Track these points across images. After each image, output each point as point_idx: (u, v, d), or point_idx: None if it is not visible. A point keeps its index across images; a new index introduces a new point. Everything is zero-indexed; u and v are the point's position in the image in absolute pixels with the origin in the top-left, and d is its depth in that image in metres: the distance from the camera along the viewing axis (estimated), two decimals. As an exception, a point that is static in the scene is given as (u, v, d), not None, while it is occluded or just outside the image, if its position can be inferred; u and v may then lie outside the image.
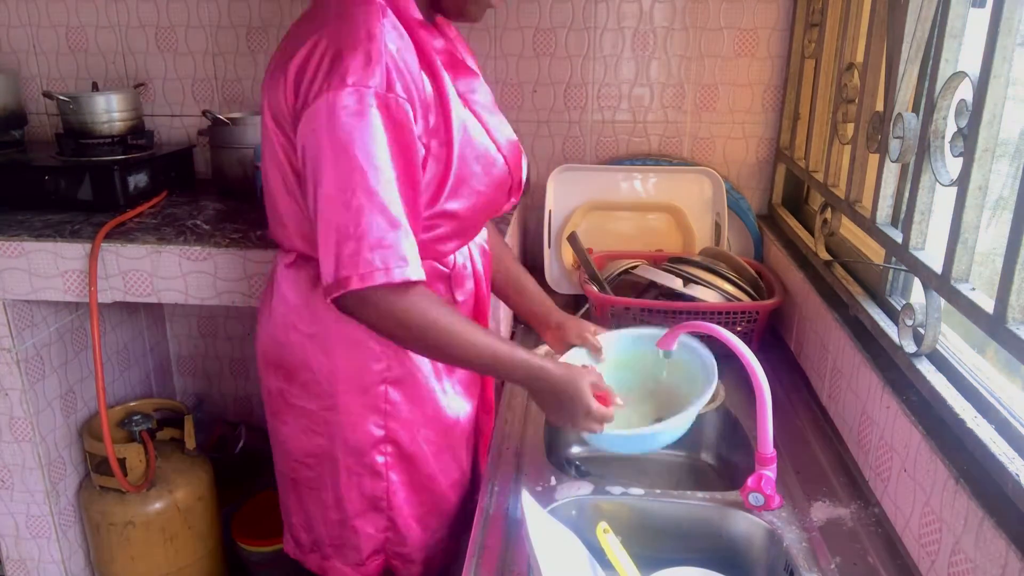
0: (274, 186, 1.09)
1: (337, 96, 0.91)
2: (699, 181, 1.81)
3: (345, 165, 0.92)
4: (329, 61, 0.93)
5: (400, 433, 1.16)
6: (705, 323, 1.10)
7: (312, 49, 0.96)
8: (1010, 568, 0.72)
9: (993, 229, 0.97)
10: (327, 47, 0.95)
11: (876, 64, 1.21)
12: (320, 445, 1.17)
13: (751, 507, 1.04)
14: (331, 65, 0.93)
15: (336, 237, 0.92)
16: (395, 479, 1.18)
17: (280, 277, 1.14)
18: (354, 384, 1.12)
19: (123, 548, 1.73)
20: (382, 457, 1.17)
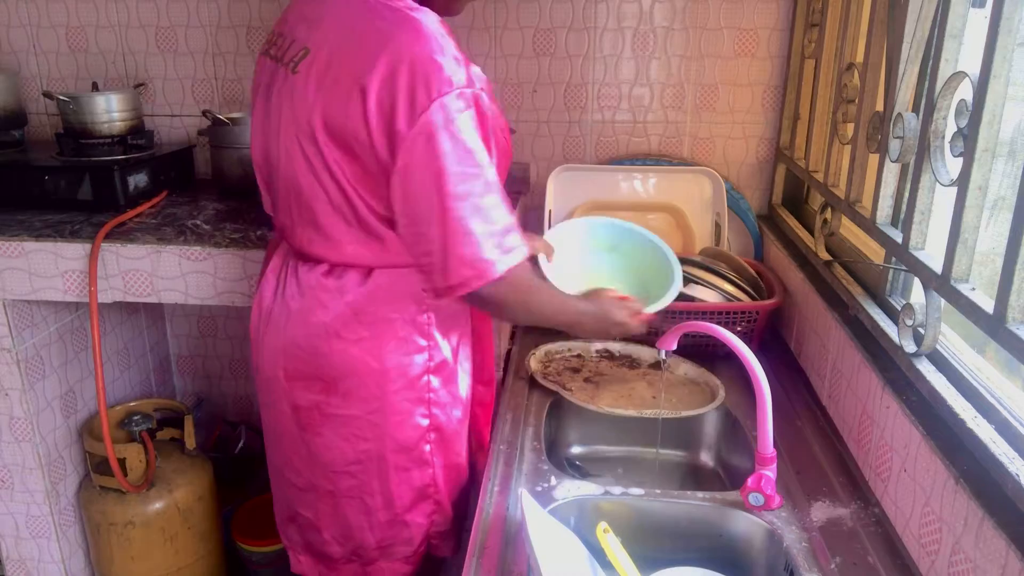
0: (316, 204, 1.07)
1: (448, 99, 0.95)
2: (699, 181, 1.81)
3: (469, 163, 0.98)
4: (426, 71, 0.95)
5: (441, 418, 1.19)
6: (705, 323, 1.10)
7: (392, 66, 0.95)
8: (1010, 568, 0.72)
9: (993, 229, 0.97)
10: (414, 59, 0.95)
11: (876, 64, 1.21)
12: (366, 451, 1.17)
13: (751, 507, 1.04)
14: (431, 73, 0.95)
15: (473, 233, 0.99)
16: (438, 463, 1.21)
17: (317, 288, 1.12)
18: (402, 381, 1.14)
19: (123, 548, 1.73)
20: (428, 446, 1.19)
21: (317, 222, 1.09)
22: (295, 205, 1.11)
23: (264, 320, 1.19)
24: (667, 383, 1.43)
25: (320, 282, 1.12)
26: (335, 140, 1.02)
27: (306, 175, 1.07)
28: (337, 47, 1.01)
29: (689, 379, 1.44)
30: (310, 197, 1.08)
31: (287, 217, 1.15)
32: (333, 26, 1.03)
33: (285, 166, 1.10)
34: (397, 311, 1.12)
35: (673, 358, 1.45)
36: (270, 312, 1.18)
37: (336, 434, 1.16)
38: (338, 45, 1.01)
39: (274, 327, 1.17)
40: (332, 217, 1.08)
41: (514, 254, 1.02)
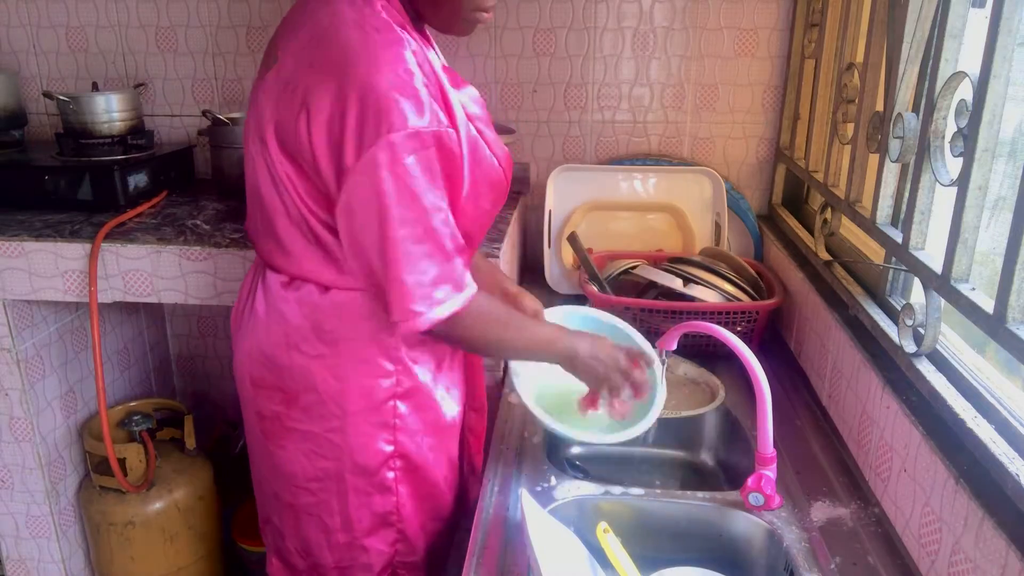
0: (274, 214, 1.05)
1: (396, 139, 0.90)
2: (699, 181, 1.81)
3: (409, 208, 0.94)
4: (377, 108, 0.90)
5: (408, 445, 1.15)
6: (705, 323, 1.10)
7: (344, 94, 0.91)
8: (1010, 568, 0.72)
9: (993, 229, 0.97)
10: (367, 93, 0.90)
11: (876, 64, 1.21)
12: (324, 468, 1.14)
13: (751, 507, 1.04)
14: (381, 112, 0.90)
15: (404, 281, 0.96)
16: (403, 492, 1.18)
17: (277, 298, 1.10)
18: (364, 403, 1.11)
19: (123, 548, 1.73)
20: (392, 472, 1.16)
21: (276, 234, 1.07)
22: (258, 214, 1.09)
23: (236, 323, 1.19)
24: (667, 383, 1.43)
25: (280, 292, 1.10)
26: (286, 154, 0.99)
27: (266, 185, 1.04)
28: (300, 60, 0.98)
29: (689, 379, 1.44)
30: (270, 208, 1.06)
31: (252, 224, 1.14)
32: (304, 37, 0.99)
33: (249, 174, 1.08)
34: (359, 332, 1.09)
35: (673, 358, 1.45)
36: (241, 315, 1.17)
37: (296, 448, 1.14)
38: (302, 58, 0.97)
39: (243, 331, 1.15)
40: (290, 231, 1.05)
41: (444, 306, 0.98)
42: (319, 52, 0.96)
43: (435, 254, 0.97)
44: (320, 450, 1.13)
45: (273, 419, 1.14)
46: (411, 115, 0.91)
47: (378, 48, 0.93)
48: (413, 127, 0.91)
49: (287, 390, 1.12)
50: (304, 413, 1.12)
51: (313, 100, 0.93)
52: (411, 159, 0.92)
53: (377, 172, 0.91)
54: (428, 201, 0.95)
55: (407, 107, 0.91)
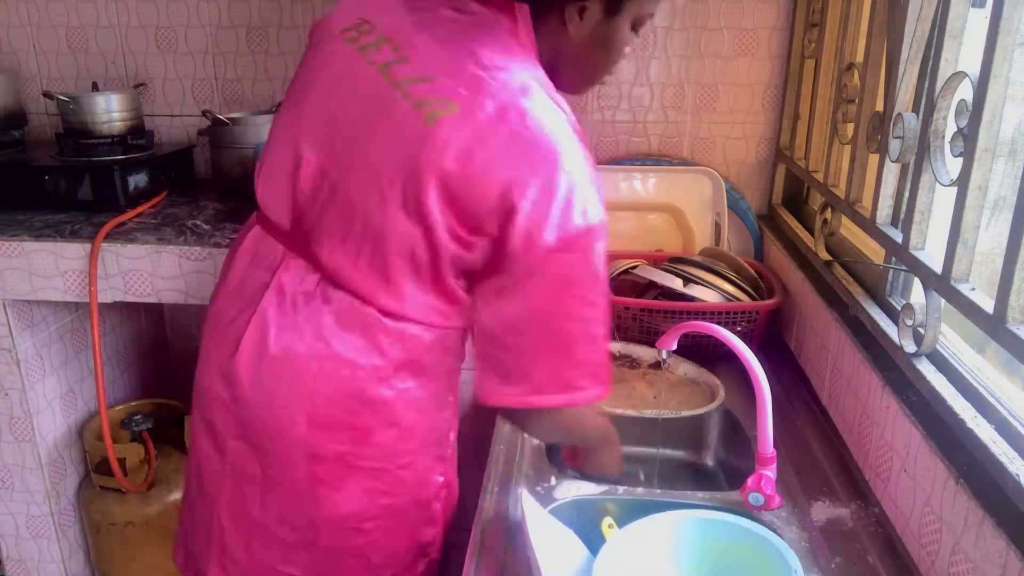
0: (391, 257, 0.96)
1: (598, 227, 0.94)
2: (699, 181, 1.81)
3: (597, 293, 0.96)
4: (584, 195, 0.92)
5: (451, 475, 1.17)
6: (705, 323, 1.10)
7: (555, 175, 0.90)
8: (1010, 568, 0.72)
9: (993, 229, 0.97)
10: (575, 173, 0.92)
11: (876, 64, 1.21)
12: (386, 506, 1.09)
13: (751, 507, 1.04)
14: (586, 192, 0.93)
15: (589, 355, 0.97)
16: (441, 520, 1.18)
17: (379, 332, 1.00)
18: (432, 436, 1.10)
19: (123, 548, 1.73)
20: (438, 504, 1.16)
21: (388, 275, 0.97)
22: (368, 248, 0.96)
23: (279, 355, 1.01)
24: (667, 383, 1.43)
25: (380, 323, 0.99)
26: (454, 211, 0.92)
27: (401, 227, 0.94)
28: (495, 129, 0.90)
29: (689, 379, 1.44)
30: (391, 249, 0.95)
31: (347, 256, 0.98)
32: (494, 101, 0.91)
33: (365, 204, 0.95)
34: (442, 363, 1.07)
35: (673, 358, 1.45)
36: (287, 347, 1.00)
37: (358, 487, 1.06)
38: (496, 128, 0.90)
39: (299, 366, 1.00)
40: (407, 275, 0.97)
41: (600, 388, 0.99)
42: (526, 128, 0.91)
43: (608, 338, 1.00)
44: (385, 487, 1.08)
45: (335, 460, 1.04)
46: (600, 205, 0.96)
47: (577, 136, 0.95)
48: (604, 217, 0.96)
49: (361, 427, 1.03)
50: (377, 450, 1.05)
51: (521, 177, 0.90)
52: (600, 246, 0.96)
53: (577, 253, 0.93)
54: (605, 288, 0.98)
55: (600, 197, 0.96)
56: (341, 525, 1.08)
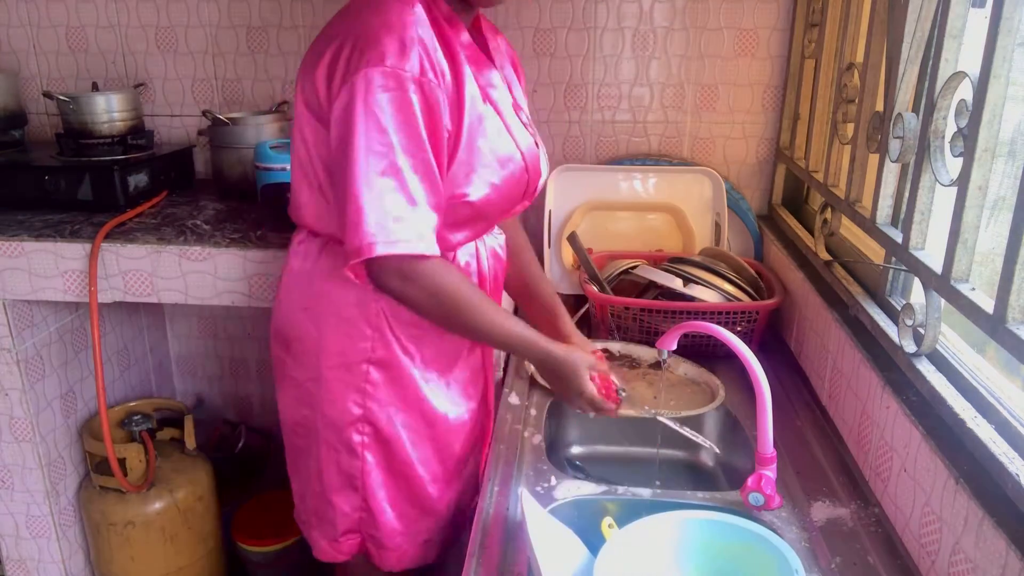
0: (296, 172, 1.15)
1: (374, 73, 0.97)
2: (699, 181, 1.81)
3: (377, 140, 0.97)
4: (364, 44, 0.98)
5: (378, 414, 1.18)
6: (705, 323, 1.10)
7: (346, 37, 1.01)
8: (1010, 568, 0.72)
9: (993, 229, 0.97)
10: (361, 33, 1.00)
11: (876, 64, 1.21)
12: (306, 416, 1.23)
13: (751, 507, 1.04)
14: (367, 46, 0.98)
15: (362, 208, 0.98)
16: (370, 459, 1.20)
17: (291, 252, 1.21)
18: (338, 360, 1.16)
19: (123, 548, 1.73)
20: (359, 436, 1.19)
21: (294, 188, 1.17)
22: (292, 174, 1.18)
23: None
24: (667, 383, 1.43)
25: (295, 248, 1.20)
26: (308, 107, 1.08)
27: (295, 146, 1.14)
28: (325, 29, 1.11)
29: (689, 379, 1.44)
30: (294, 166, 1.16)
31: None
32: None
33: None
34: (343, 290, 1.14)
35: (673, 358, 1.45)
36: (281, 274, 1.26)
37: (289, 393, 1.25)
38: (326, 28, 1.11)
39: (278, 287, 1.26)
40: (302, 183, 1.14)
41: (399, 245, 0.98)
42: (338, 21, 1.09)
43: (400, 191, 0.99)
44: (303, 397, 1.22)
45: (278, 364, 1.26)
46: (391, 55, 0.97)
47: (388, 3, 1.02)
48: (391, 66, 0.97)
49: (285, 336, 1.22)
50: (295, 360, 1.22)
51: (325, 47, 1.04)
52: (384, 95, 0.97)
53: (352, 101, 0.97)
54: (398, 139, 0.98)
55: (390, 47, 0.98)
56: (286, 425, 1.28)
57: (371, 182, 0.98)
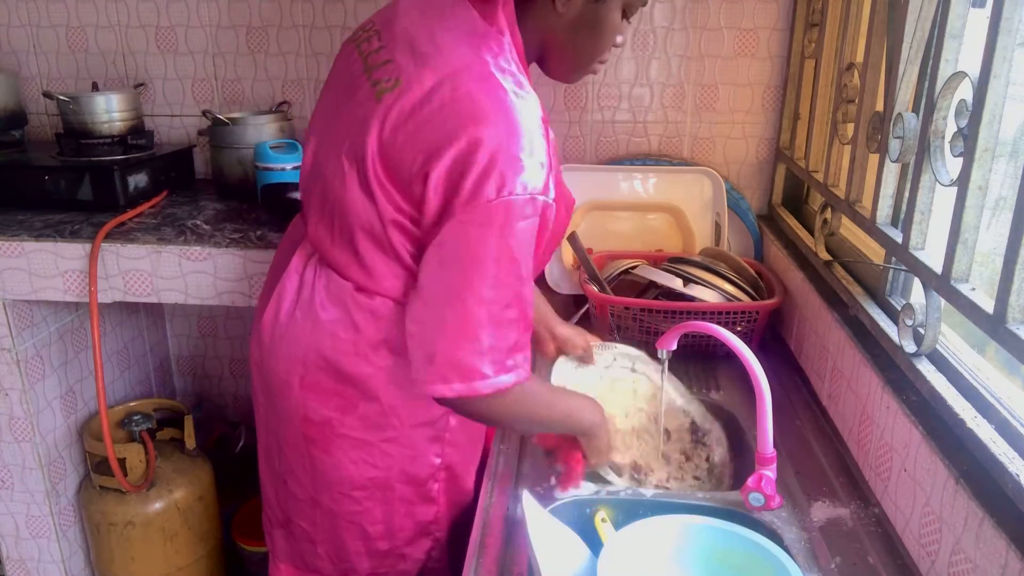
0: (356, 228, 1.01)
1: (517, 204, 0.89)
2: (699, 181, 1.81)
3: (507, 270, 0.91)
4: (506, 165, 0.89)
5: (453, 456, 1.18)
6: (705, 323, 1.10)
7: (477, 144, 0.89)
8: (1010, 568, 0.72)
9: (995, 229, 0.97)
10: (502, 146, 0.90)
11: (876, 64, 1.21)
12: (373, 478, 1.13)
13: (751, 507, 1.04)
14: (509, 169, 0.89)
15: (487, 340, 0.92)
16: (443, 501, 1.19)
17: (350, 307, 1.05)
18: (421, 417, 1.12)
19: (123, 548, 1.73)
20: (437, 484, 1.17)
21: (356, 248, 1.03)
22: (336, 224, 1.04)
23: (285, 320, 1.10)
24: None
25: (354, 298, 1.05)
26: (393, 180, 0.96)
27: (357, 201, 0.99)
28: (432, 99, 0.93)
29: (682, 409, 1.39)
30: (354, 223, 1.01)
31: (320, 232, 1.07)
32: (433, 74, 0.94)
33: (332, 179, 1.03)
34: None
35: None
36: (292, 313, 1.10)
37: (345, 456, 1.11)
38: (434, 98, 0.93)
39: (297, 331, 1.09)
40: (370, 247, 1.02)
41: (512, 374, 0.95)
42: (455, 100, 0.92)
43: (519, 321, 0.95)
44: (371, 459, 1.12)
45: (323, 424, 1.10)
46: (532, 181, 0.90)
47: (511, 110, 0.92)
48: (532, 193, 0.90)
49: (346, 397, 1.09)
50: (361, 422, 1.10)
51: (443, 143, 0.91)
52: (522, 224, 0.91)
53: (487, 229, 0.90)
54: (524, 269, 0.94)
55: (531, 173, 0.90)
56: (335, 489, 1.14)
57: (493, 315, 0.92)
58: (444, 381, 0.93)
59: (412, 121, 0.94)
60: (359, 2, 1.84)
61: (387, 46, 1.01)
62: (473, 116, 0.90)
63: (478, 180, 0.89)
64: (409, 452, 1.13)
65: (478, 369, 0.93)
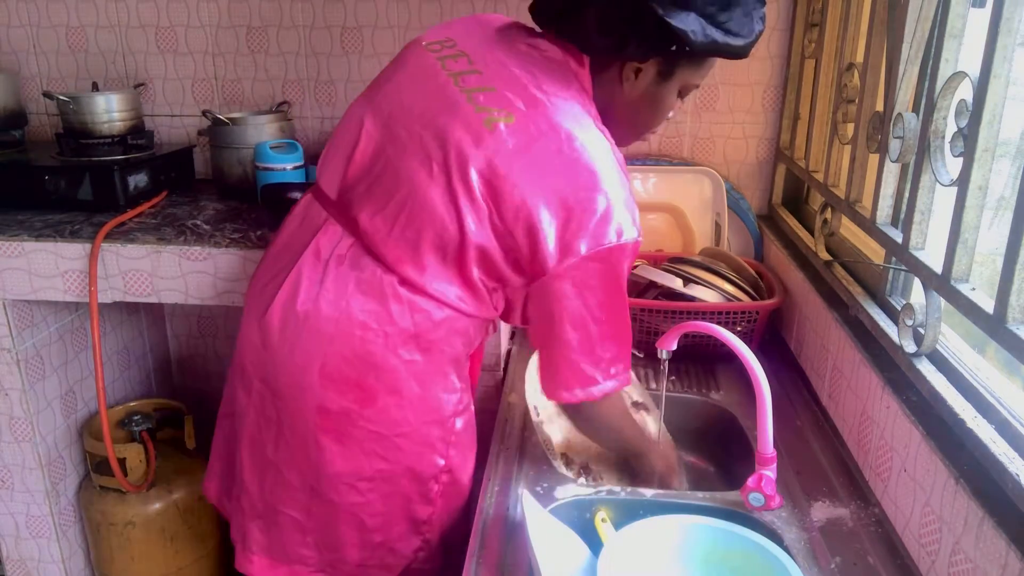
0: (425, 232, 1.05)
1: (629, 247, 1.03)
2: (699, 181, 1.81)
3: (620, 306, 1.08)
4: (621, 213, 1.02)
5: (456, 460, 1.19)
6: (705, 323, 1.10)
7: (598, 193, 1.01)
8: (1010, 568, 0.72)
9: (996, 229, 0.97)
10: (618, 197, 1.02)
11: (876, 64, 1.21)
12: (381, 470, 1.15)
13: (751, 507, 1.04)
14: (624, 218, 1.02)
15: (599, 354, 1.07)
16: (440, 504, 1.20)
17: (391, 296, 1.08)
18: (434, 414, 1.14)
19: (123, 548, 1.73)
20: (437, 486, 1.19)
21: (419, 249, 1.05)
22: (404, 220, 1.06)
23: (304, 309, 1.10)
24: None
25: (395, 290, 1.07)
26: (491, 201, 1.02)
27: (443, 208, 1.03)
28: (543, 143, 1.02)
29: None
30: (428, 227, 1.04)
31: (384, 222, 1.07)
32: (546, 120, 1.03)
33: (411, 180, 1.05)
34: (450, 345, 1.13)
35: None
36: (313, 302, 1.09)
37: (359, 447, 1.13)
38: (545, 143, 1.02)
39: (320, 321, 1.09)
40: (434, 254, 1.06)
41: (613, 381, 1.10)
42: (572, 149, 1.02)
43: (619, 335, 1.09)
44: (382, 451, 1.14)
45: (339, 415, 1.12)
46: (638, 225, 1.05)
47: (620, 162, 1.06)
48: (637, 238, 1.04)
49: (367, 388, 1.10)
50: (378, 414, 1.12)
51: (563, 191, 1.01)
52: (629, 262, 1.05)
53: (606, 269, 1.03)
54: (624, 296, 1.08)
55: (637, 220, 1.05)
56: (339, 479, 1.15)
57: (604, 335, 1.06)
58: (567, 388, 1.08)
59: (525, 159, 1.01)
60: (359, 2, 1.84)
61: (483, 73, 1.08)
62: (592, 171, 1.01)
63: (599, 224, 1.00)
64: (418, 449, 1.15)
65: (595, 378, 1.08)
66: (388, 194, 1.07)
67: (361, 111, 1.14)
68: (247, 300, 1.22)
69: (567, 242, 1.00)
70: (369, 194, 1.09)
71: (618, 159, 1.06)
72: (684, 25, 0.99)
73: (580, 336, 1.05)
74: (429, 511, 1.20)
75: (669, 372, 1.44)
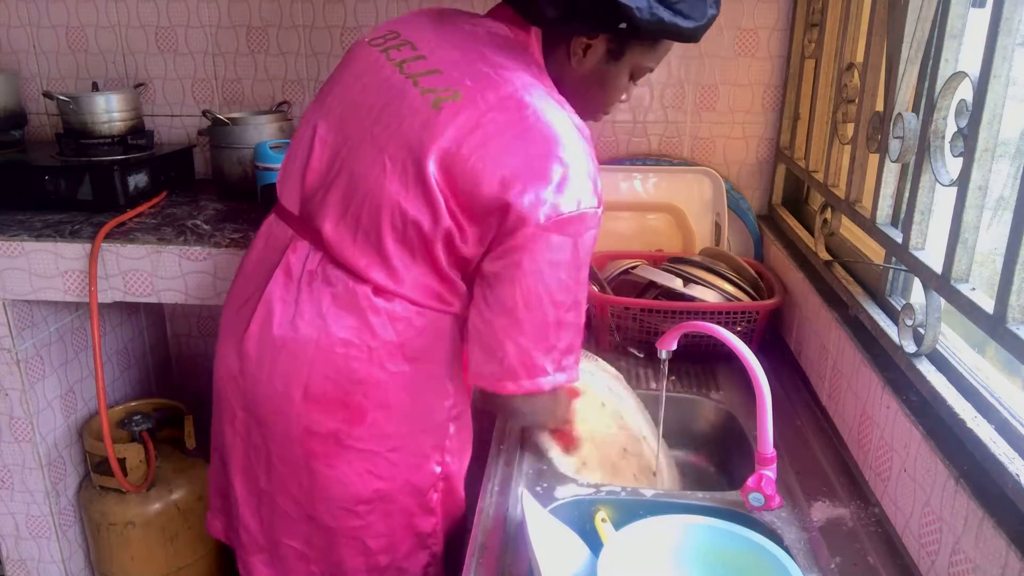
0: (384, 229, 1.02)
1: (589, 216, 0.98)
2: (699, 181, 1.81)
3: (575, 280, 1.00)
4: (580, 181, 0.97)
5: (452, 466, 1.17)
6: (705, 323, 1.10)
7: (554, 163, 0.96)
8: (1010, 568, 0.72)
9: (996, 229, 0.97)
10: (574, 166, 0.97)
11: (876, 64, 1.21)
12: (378, 490, 1.12)
13: (751, 507, 1.04)
14: (583, 186, 0.97)
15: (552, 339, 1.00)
16: (441, 513, 1.19)
17: (368, 308, 1.04)
18: (427, 423, 1.12)
19: (123, 548, 1.73)
20: (436, 494, 1.17)
21: (383, 249, 1.02)
22: (365, 221, 1.03)
23: (280, 332, 1.06)
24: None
25: (371, 302, 1.04)
26: (451, 187, 0.98)
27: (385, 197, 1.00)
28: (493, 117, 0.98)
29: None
30: (382, 221, 1.01)
31: (347, 231, 1.04)
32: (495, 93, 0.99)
33: (365, 177, 1.02)
34: (438, 351, 1.10)
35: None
36: (289, 325, 1.06)
37: (351, 468, 1.09)
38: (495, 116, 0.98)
39: (298, 344, 1.05)
40: (399, 251, 1.02)
41: (565, 374, 1.04)
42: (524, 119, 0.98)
43: (575, 324, 1.03)
44: (376, 470, 1.11)
45: (328, 437, 1.08)
46: (599, 194, 1.00)
47: (580, 130, 1.02)
48: (600, 206, 1.01)
49: (354, 406, 1.07)
50: (369, 430, 1.08)
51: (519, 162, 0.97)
52: (590, 235, 1.00)
53: (563, 238, 0.97)
54: (584, 276, 1.02)
55: (598, 188, 1.00)
56: (336, 504, 1.12)
57: (559, 318, 1.00)
58: (514, 379, 1.01)
59: (478, 135, 0.98)
60: (359, 2, 1.84)
61: (428, 57, 1.05)
62: (546, 138, 0.97)
63: (555, 193, 0.96)
64: (414, 461, 1.13)
65: (543, 369, 1.01)
66: (347, 198, 1.04)
67: (314, 118, 1.12)
68: (222, 323, 1.19)
69: (522, 212, 0.95)
70: (328, 202, 1.06)
71: (577, 125, 1.01)
72: (630, 1, 0.97)
73: (534, 319, 0.98)
74: (432, 522, 1.18)
75: (669, 372, 1.43)
